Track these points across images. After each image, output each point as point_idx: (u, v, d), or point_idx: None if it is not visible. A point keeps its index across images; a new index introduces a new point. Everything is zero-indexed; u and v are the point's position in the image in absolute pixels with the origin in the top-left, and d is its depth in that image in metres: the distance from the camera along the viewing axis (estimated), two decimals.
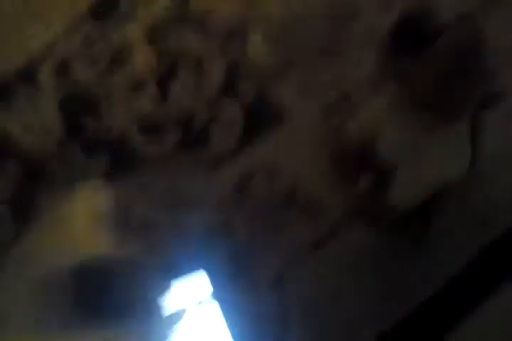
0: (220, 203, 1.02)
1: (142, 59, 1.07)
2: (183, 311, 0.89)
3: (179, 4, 1.08)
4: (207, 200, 1.02)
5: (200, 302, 0.90)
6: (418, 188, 0.91)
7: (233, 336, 0.87)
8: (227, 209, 1.01)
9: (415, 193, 0.92)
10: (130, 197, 1.01)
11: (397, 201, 0.94)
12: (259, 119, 1.09)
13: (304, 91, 1.09)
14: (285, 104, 1.09)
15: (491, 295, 0.96)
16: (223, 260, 0.97)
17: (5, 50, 1.06)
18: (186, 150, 1.06)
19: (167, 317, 0.66)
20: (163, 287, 0.72)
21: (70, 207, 0.61)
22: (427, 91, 0.89)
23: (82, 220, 0.59)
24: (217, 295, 0.90)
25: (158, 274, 0.68)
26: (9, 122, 1.08)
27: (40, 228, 0.60)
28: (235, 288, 0.94)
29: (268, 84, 1.10)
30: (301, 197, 1.03)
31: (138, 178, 1.03)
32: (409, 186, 0.91)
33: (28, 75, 1.04)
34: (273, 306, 0.94)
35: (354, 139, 1.00)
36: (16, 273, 0.56)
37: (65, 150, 1.05)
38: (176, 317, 0.85)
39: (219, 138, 1.07)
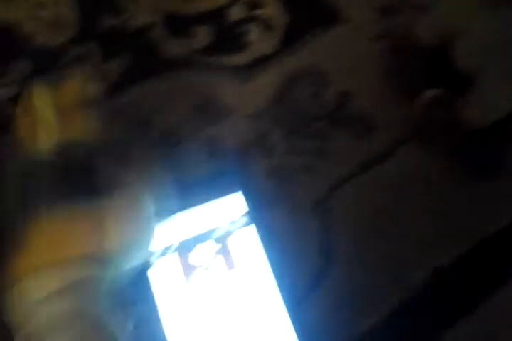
0: (257, 115, 0.87)
1: None
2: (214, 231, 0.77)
3: None
4: (241, 111, 0.87)
5: (234, 225, 0.78)
6: (500, 103, 0.75)
7: (271, 262, 0.75)
8: (265, 122, 0.87)
9: (496, 109, 0.75)
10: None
11: (470, 119, 0.77)
12: (305, 19, 0.92)
13: None
14: (337, 2, 0.93)
15: None
16: (260, 179, 0.83)
17: None
18: (220, 53, 0.91)
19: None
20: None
21: (58, 93, 0.55)
22: None
23: (69, 106, 0.52)
24: (253, 217, 0.77)
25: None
26: (19, 14, 0.94)
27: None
28: (274, 211, 0.81)
29: None
30: (351, 113, 0.87)
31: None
32: (489, 100, 0.75)
33: None
34: (316, 232, 0.81)
35: (422, 44, 0.83)
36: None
37: (80, 46, 0.91)
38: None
39: (257, 39, 0.91)
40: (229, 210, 0.80)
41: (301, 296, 0.78)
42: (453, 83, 0.79)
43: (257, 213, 0.80)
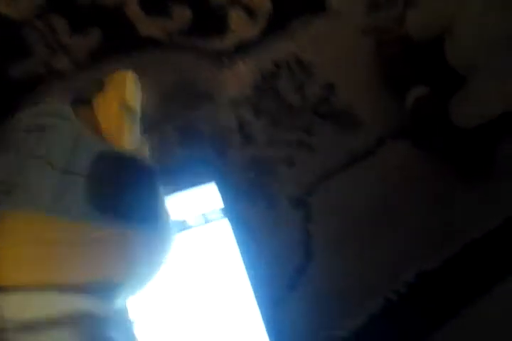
0: (236, 103, 0.82)
1: None
2: (185, 224, 0.71)
3: None
4: (220, 97, 0.82)
5: (207, 217, 0.72)
6: (495, 105, 0.72)
7: (245, 260, 0.69)
8: (245, 111, 0.81)
9: (487, 108, 0.72)
10: None
11: (461, 117, 0.75)
12: (290, 6, 0.88)
13: None
14: None
15: None
16: (238, 171, 0.78)
17: None
18: (199, 36, 0.85)
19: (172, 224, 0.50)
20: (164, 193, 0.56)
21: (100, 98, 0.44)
22: None
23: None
24: (228, 210, 0.72)
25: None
26: None
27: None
28: (251, 205, 0.76)
29: None
30: (336, 106, 0.83)
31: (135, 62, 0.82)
32: (481, 99, 0.72)
33: None
34: (295, 229, 0.76)
35: (412, 39, 0.80)
36: None
37: (47, 19, 0.83)
38: (178, 226, 0.68)
39: (239, 24, 0.86)
40: (202, 202, 0.74)
41: (277, 297, 0.73)
42: (444, 80, 0.77)
43: (232, 206, 0.74)
